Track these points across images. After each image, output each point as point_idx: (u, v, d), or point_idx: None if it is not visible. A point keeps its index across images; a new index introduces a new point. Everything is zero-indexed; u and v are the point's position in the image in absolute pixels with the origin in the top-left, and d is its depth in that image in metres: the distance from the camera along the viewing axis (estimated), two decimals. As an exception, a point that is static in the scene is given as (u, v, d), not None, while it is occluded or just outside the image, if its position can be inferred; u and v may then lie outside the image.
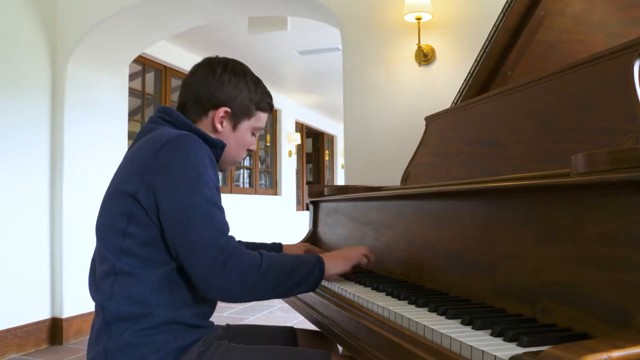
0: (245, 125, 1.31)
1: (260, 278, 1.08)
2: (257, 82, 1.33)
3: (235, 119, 1.30)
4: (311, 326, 1.44)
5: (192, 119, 1.28)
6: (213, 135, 1.27)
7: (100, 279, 1.13)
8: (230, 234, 1.12)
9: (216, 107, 1.27)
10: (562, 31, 1.54)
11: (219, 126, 1.28)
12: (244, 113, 1.30)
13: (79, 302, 3.52)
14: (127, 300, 1.08)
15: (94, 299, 1.16)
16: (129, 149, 1.22)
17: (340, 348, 1.43)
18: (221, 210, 1.13)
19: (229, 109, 1.28)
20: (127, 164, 1.17)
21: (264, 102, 1.33)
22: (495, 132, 1.33)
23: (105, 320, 1.10)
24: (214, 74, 1.28)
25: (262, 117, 1.34)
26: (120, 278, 1.10)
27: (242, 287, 1.07)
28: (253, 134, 1.35)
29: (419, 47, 2.74)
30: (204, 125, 1.28)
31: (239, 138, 1.32)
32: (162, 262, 1.10)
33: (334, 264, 1.25)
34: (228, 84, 1.28)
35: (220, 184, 6.15)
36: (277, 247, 1.55)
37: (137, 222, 1.10)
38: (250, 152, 1.37)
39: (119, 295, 1.09)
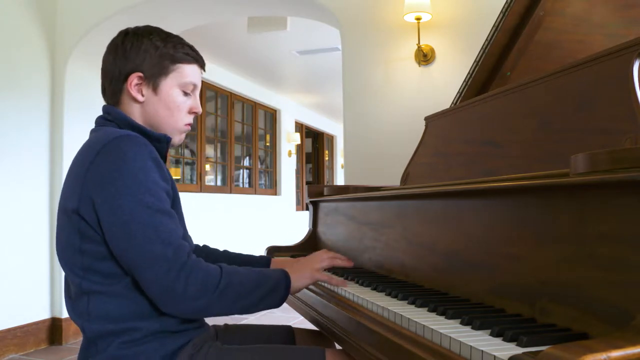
0: (168, 84, 1.18)
1: (218, 295, 1.02)
2: (167, 37, 1.20)
3: (152, 81, 1.17)
4: (310, 326, 1.44)
5: (113, 102, 1.19)
6: (138, 107, 1.18)
7: (75, 299, 1.09)
8: (181, 242, 1.03)
9: (127, 77, 1.16)
10: (562, 31, 1.54)
11: (138, 96, 1.17)
12: (159, 71, 1.17)
13: (78, 302, 3.52)
14: (106, 320, 1.04)
15: (73, 320, 1.12)
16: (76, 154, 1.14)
17: (338, 348, 1.43)
18: (170, 216, 1.04)
19: (140, 73, 1.16)
20: (69, 176, 1.11)
21: (179, 53, 1.19)
22: (495, 132, 1.33)
23: (89, 339, 1.07)
24: (116, 46, 1.18)
25: (185, 70, 1.20)
26: (93, 297, 1.05)
27: (199, 303, 1.00)
28: (185, 92, 1.21)
29: (419, 47, 2.74)
30: (126, 103, 1.18)
31: (166, 100, 1.18)
32: (127, 274, 1.04)
33: (299, 276, 1.18)
34: (131, 50, 1.16)
35: (220, 184, 6.18)
36: (265, 261, 1.45)
37: (88, 239, 1.04)
38: (195, 115, 1.24)
39: (96, 315, 1.05)
